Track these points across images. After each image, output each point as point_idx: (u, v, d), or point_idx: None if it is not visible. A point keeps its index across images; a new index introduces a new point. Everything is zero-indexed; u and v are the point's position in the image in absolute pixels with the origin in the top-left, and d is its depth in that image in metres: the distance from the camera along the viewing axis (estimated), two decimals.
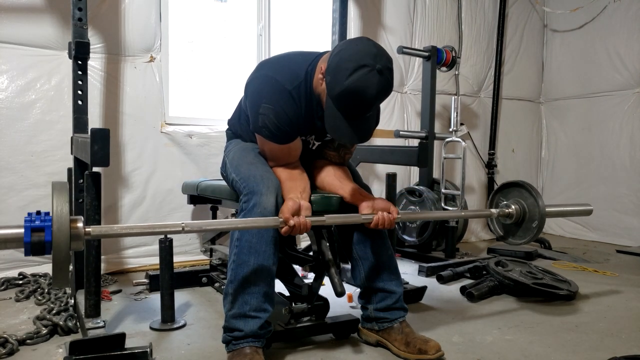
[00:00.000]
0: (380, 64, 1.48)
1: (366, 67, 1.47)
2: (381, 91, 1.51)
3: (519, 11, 4.49)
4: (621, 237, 4.05)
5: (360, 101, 1.50)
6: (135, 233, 1.67)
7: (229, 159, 1.87)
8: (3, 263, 2.59)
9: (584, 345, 1.85)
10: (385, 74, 1.50)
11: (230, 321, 1.58)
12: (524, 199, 2.11)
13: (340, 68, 1.49)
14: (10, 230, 1.20)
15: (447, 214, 3.12)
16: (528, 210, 2.09)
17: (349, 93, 1.48)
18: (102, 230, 1.35)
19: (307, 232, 1.60)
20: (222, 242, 2.75)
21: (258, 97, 1.66)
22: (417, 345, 1.67)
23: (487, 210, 2.13)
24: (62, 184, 1.24)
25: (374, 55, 1.49)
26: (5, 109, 2.58)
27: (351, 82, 1.47)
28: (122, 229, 1.51)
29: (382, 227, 1.67)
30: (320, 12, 3.55)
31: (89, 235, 1.29)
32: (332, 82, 1.51)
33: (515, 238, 2.15)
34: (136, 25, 2.87)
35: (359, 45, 1.52)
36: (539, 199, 2.06)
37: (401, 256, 3.37)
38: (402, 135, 3.34)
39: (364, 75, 1.46)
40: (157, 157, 2.95)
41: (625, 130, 4.07)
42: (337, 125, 1.55)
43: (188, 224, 1.40)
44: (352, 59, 1.48)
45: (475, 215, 3.66)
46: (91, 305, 1.80)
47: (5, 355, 1.66)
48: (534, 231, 2.06)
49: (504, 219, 2.14)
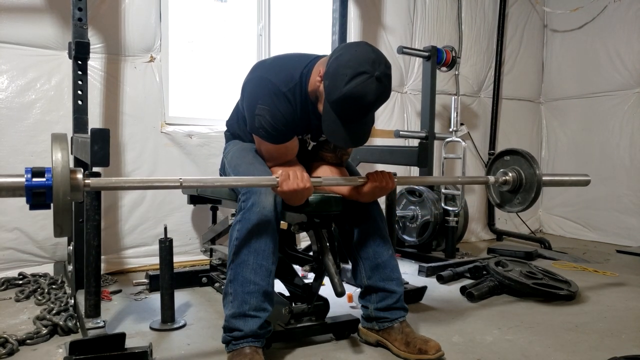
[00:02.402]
0: (379, 71, 1.49)
1: (365, 74, 1.47)
2: (379, 98, 1.52)
3: (519, 11, 4.49)
4: (621, 237, 4.05)
5: (358, 107, 1.52)
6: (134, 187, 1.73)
7: (227, 159, 1.87)
8: (3, 263, 2.59)
9: (584, 345, 1.85)
10: (384, 81, 1.51)
11: (230, 321, 1.58)
12: (521, 166, 2.11)
13: (338, 73, 1.50)
14: (12, 179, 1.21)
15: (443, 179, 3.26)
16: (525, 178, 2.09)
17: (346, 99, 1.49)
18: (100, 183, 1.38)
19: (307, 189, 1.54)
20: (222, 242, 2.75)
21: (254, 99, 1.67)
22: (417, 345, 1.67)
23: (485, 177, 2.15)
24: (61, 135, 1.26)
25: (372, 61, 1.49)
26: (5, 109, 2.58)
27: (349, 88, 1.47)
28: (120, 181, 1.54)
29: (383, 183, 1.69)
30: (320, 12, 3.55)
31: (88, 186, 1.32)
32: (330, 87, 1.52)
33: (511, 205, 2.17)
34: (136, 25, 2.87)
35: (358, 51, 1.52)
36: (535, 166, 2.06)
37: (401, 256, 3.37)
38: (402, 135, 3.34)
39: (363, 82, 1.47)
40: (157, 157, 2.95)
41: (625, 130, 4.07)
42: (334, 129, 1.57)
43: (186, 180, 1.42)
44: (351, 64, 1.48)
45: (473, 182, 3.69)
46: (91, 305, 1.80)
47: (5, 355, 1.66)
48: (530, 198, 2.07)
49: (501, 185, 2.14)
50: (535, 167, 2.06)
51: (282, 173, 1.51)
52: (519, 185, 2.10)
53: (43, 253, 2.69)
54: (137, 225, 2.90)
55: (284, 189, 1.51)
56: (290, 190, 1.51)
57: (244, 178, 1.60)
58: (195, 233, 3.07)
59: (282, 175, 1.51)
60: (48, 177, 1.21)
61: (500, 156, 2.23)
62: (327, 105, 1.55)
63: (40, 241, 2.66)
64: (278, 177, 1.51)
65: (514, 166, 2.14)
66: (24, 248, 2.64)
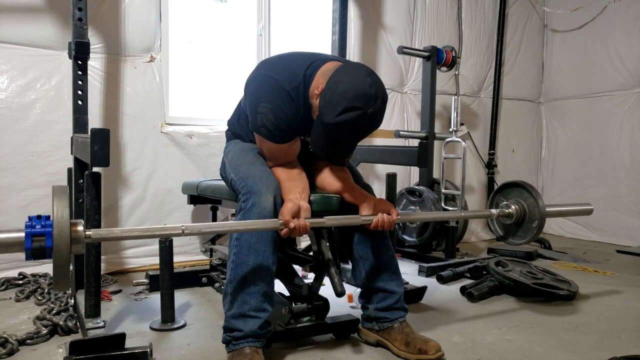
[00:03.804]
0: (373, 109, 1.49)
1: (359, 110, 1.48)
2: (367, 130, 1.56)
3: (519, 11, 4.49)
4: (621, 237, 4.05)
5: (345, 135, 1.54)
6: (135, 236, 1.67)
7: (228, 159, 1.87)
8: (3, 263, 2.59)
9: (584, 345, 1.85)
10: (376, 118, 1.53)
11: (230, 321, 1.58)
12: (524, 199, 2.11)
13: (333, 102, 1.50)
14: (12, 235, 1.21)
15: (446, 214, 3.11)
16: (528, 211, 2.09)
17: (337, 127, 1.51)
18: (102, 234, 1.35)
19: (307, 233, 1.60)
20: (222, 242, 2.75)
21: (257, 97, 1.66)
22: (417, 345, 1.67)
23: (487, 211, 2.13)
24: (62, 187, 1.25)
25: (369, 97, 1.48)
26: (5, 109, 2.58)
27: (341, 119, 1.49)
28: (122, 232, 1.50)
29: (381, 228, 1.68)
30: (320, 12, 3.55)
31: (89, 238, 1.30)
32: (324, 110, 1.53)
33: (515, 238, 2.15)
34: (136, 25, 2.87)
35: (358, 82, 1.49)
36: (539, 199, 2.06)
37: (401, 256, 3.37)
38: (402, 135, 3.34)
39: (355, 117, 1.49)
40: (157, 157, 2.95)
41: (625, 130, 4.07)
42: (319, 143, 1.61)
43: (188, 227, 1.40)
44: (347, 96, 1.48)
45: (476, 216, 3.66)
46: (91, 305, 1.80)
47: (5, 355, 1.66)
48: (534, 231, 2.06)
49: (504, 219, 2.13)
50: (538, 200, 2.05)
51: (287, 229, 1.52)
52: (522, 218, 2.10)
53: None
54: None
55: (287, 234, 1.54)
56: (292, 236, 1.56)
57: (246, 222, 1.55)
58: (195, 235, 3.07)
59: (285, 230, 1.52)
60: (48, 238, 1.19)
61: (502, 189, 2.23)
62: (319, 122, 1.57)
63: None
64: (282, 222, 1.52)
65: (516, 199, 2.13)
66: None
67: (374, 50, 3.75)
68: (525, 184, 2.12)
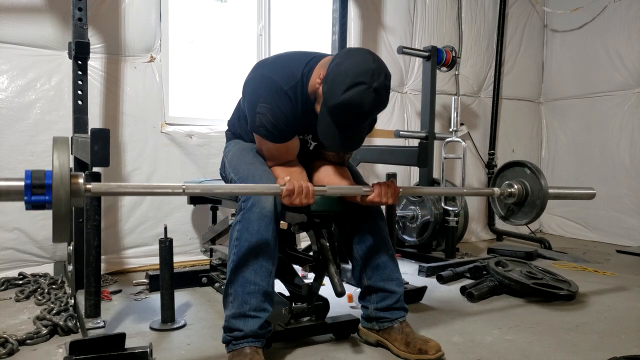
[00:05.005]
0: (378, 83, 1.49)
1: (363, 85, 1.47)
2: (375, 108, 1.53)
3: (519, 11, 4.49)
4: (621, 237, 4.05)
5: (353, 115, 1.52)
6: (135, 192, 1.69)
7: (228, 159, 1.87)
8: (3, 263, 2.59)
9: (584, 345, 1.86)
10: (381, 93, 1.51)
11: (230, 321, 1.58)
12: (526, 179, 2.09)
13: (337, 81, 1.50)
14: (11, 183, 1.19)
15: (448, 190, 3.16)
16: (530, 190, 2.06)
17: (343, 107, 1.50)
18: (101, 188, 1.36)
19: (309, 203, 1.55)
20: (222, 242, 2.75)
21: (255, 97, 1.66)
22: (417, 345, 1.67)
23: (490, 189, 2.11)
24: (63, 138, 1.24)
25: (372, 72, 1.48)
26: (5, 109, 2.58)
27: (346, 97, 1.48)
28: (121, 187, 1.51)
29: (384, 199, 1.67)
30: (320, 12, 3.55)
31: (89, 192, 1.30)
32: (328, 93, 1.52)
33: (516, 218, 2.14)
34: (136, 25, 2.87)
35: (359, 59, 1.51)
36: (541, 178, 2.03)
37: (401, 256, 3.37)
38: (402, 135, 3.34)
39: (360, 92, 1.47)
40: (157, 157, 2.95)
41: (625, 130, 4.07)
42: (328, 133, 1.58)
43: (188, 186, 1.41)
44: (350, 73, 1.48)
45: (478, 193, 3.65)
46: (91, 305, 1.80)
47: (5, 355, 1.66)
48: (535, 211, 2.04)
49: (507, 198, 2.12)
50: (541, 180, 2.03)
51: (287, 186, 1.50)
52: (524, 198, 2.08)
53: (43, 253, 2.69)
54: (137, 225, 2.90)
55: (286, 202, 1.52)
56: (293, 204, 1.52)
57: (248, 186, 1.58)
58: (195, 233, 3.07)
59: (287, 189, 1.50)
60: (48, 186, 1.19)
61: (506, 168, 2.21)
62: (324, 109, 1.56)
63: (40, 241, 2.66)
64: (283, 186, 1.50)
65: (519, 178, 2.11)
66: (23, 248, 2.64)
67: (374, 50, 3.73)
68: (528, 163, 2.09)
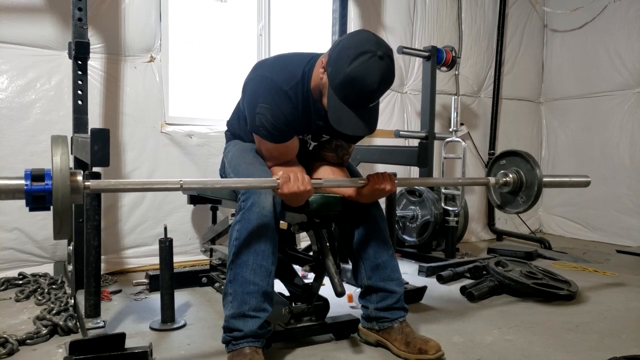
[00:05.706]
0: (382, 51, 1.49)
1: (367, 53, 1.47)
2: (383, 77, 1.49)
3: (519, 11, 4.49)
4: (621, 237, 4.05)
5: (363, 88, 1.49)
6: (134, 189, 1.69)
7: (227, 159, 1.87)
8: (3, 263, 2.59)
9: (584, 345, 1.85)
10: (387, 60, 1.50)
11: (230, 321, 1.58)
12: (521, 168, 2.10)
13: (341, 56, 1.50)
14: (11, 181, 1.20)
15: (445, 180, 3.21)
16: (525, 179, 2.08)
17: (351, 79, 1.48)
18: (100, 185, 1.37)
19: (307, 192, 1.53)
20: (222, 242, 2.75)
21: (255, 97, 1.66)
22: (417, 345, 1.67)
23: (485, 178, 2.14)
24: (62, 137, 1.25)
25: (374, 42, 1.50)
26: (5, 109, 2.58)
27: (353, 68, 1.47)
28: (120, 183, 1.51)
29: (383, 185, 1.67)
30: (320, 12, 3.55)
31: (88, 189, 1.30)
32: (334, 72, 1.51)
33: (512, 207, 2.15)
34: (136, 25, 2.87)
35: (360, 35, 1.55)
36: (536, 167, 2.05)
37: (401, 256, 3.37)
38: (402, 135, 3.34)
39: (366, 61, 1.47)
40: (157, 157, 2.95)
41: (625, 130, 4.06)
42: (341, 117, 1.53)
43: (186, 182, 1.41)
44: (353, 46, 1.49)
45: (474, 183, 3.67)
46: (91, 305, 1.80)
47: (5, 355, 1.66)
48: (530, 199, 2.06)
49: (502, 187, 2.13)
50: (536, 168, 2.05)
51: (282, 175, 1.50)
52: (519, 186, 2.09)
53: (43, 253, 2.69)
54: (137, 225, 2.90)
55: (284, 191, 1.50)
56: (291, 192, 1.50)
57: (245, 180, 1.60)
58: (195, 233, 3.07)
59: (282, 178, 1.50)
60: (48, 182, 1.20)
61: (501, 157, 2.22)
62: (332, 92, 1.53)
63: (40, 241, 2.66)
64: (279, 179, 1.51)
65: (514, 167, 2.13)
66: (23, 248, 2.64)
67: None
68: (523, 153, 2.11)
